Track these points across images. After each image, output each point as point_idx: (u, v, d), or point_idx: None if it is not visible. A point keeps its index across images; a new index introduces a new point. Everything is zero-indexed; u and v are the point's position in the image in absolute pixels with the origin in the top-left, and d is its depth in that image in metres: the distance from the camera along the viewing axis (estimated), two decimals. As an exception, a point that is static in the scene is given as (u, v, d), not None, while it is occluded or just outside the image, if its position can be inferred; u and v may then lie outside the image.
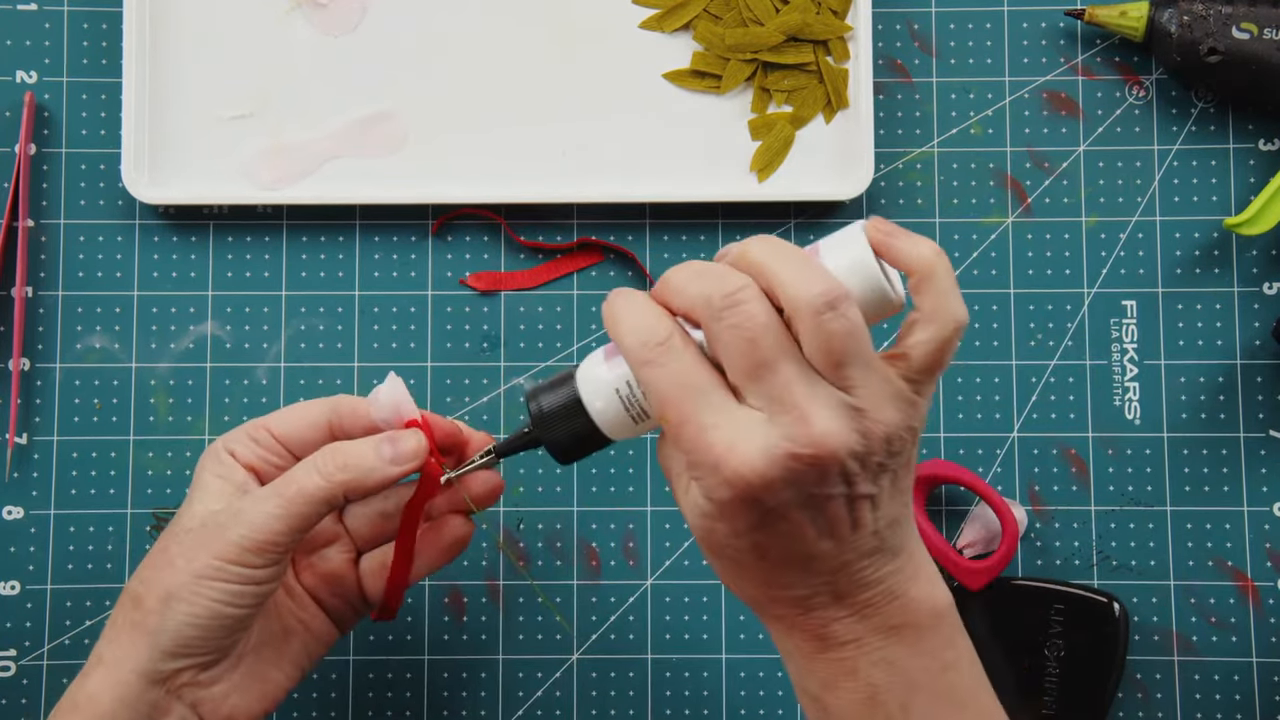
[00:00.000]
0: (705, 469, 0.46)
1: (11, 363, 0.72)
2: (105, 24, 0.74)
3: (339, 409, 0.58)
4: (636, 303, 0.49)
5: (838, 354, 0.46)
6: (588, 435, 0.52)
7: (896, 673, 0.48)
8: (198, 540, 0.54)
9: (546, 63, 0.73)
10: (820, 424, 0.45)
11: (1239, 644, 0.71)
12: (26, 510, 0.72)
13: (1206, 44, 0.70)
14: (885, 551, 0.48)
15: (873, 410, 0.46)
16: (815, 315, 0.46)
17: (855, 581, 0.48)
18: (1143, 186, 0.74)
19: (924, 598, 0.49)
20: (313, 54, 0.73)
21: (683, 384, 0.47)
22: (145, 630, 0.54)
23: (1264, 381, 0.72)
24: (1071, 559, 0.72)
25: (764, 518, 0.47)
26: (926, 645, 0.49)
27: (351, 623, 0.62)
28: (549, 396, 0.52)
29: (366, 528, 0.61)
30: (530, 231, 0.73)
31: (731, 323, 0.46)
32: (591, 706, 0.71)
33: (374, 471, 0.55)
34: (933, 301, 0.48)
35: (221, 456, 0.57)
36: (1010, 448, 0.72)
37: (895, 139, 0.74)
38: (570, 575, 0.72)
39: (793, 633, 0.50)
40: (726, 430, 0.46)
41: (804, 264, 0.47)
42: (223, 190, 0.72)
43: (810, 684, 0.50)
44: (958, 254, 0.73)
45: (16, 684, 0.71)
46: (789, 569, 0.48)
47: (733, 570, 0.50)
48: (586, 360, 0.52)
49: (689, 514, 0.49)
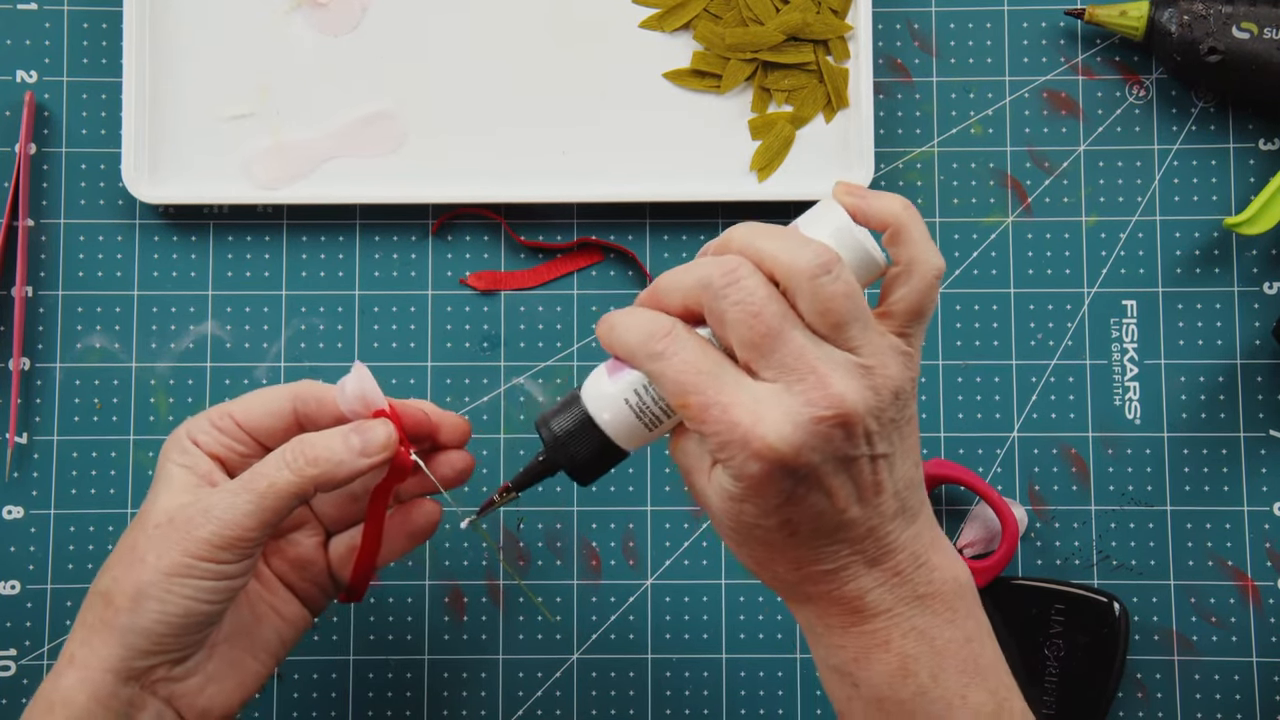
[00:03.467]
0: (734, 446, 0.47)
1: (11, 363, 0.72)
2: (105, 24, 0.74)
3: (303, 395, 0.58)
4: (631, 310, 0.50)
5: (838, 315, 0.47)
6: (603, 450, 0.52)
7: (926, 642, 0.49)
8: (167, 537, 0.54)
9: (547, 62, 0.73)
10: (838, 384, 0.47)
11: (1239, 644, 0.71)
12: (26, 510, 0.72)
13: (1206, 44, 0.70)
14: (906, 514, 0.50)
15: (879, 366, 0.48)
16: (811, 280, 0.47)
17: (883, 547, 0.49)
18: (1143, 186, 0.74)
19: (946, 566, 0.50)
20: (313, 54, 0.73)
21: (697, 368, 0.48)
22: (116, 629, 0.53)
23: (1264, 381, 0.72)
24: (1071, 559, 0.72)
25: (794, 489, 0.47)
26: (953, 615, 0.50)
27: (322, 605, 0.61)
28: (559, 420, 0.53)
29: (335, 510, 0.61)
30: (530, 231, 0.73)
31: (735, 299, 0.47)
32: (591, 706, 0.71)
33: (343, 465, 0.55)
34: (909, 252, 0.50)
35: (185, 445, 0.57)
36: (1010, 448, 0.72)
37: (895, 139, 0.74)
38: (570, 575, 0.72)
39: (825, 610, 0.50)
40: (749, 405, 0.47)
41: (790, 236, 0.48)
42: (223, 190, 0.72)
43: (839, 659, 0.51)
44: (958, 253, 0.73)
45: (16, 684, 0.71)
46: (820, 541, 0.49)
47: (763, 553, 0.50)
48: (589, 379, 0.52)
49: (715, 501, 0.49)
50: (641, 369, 0.49)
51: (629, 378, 0.51)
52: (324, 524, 0.61)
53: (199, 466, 0.56)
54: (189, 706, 0.55)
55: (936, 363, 0.73)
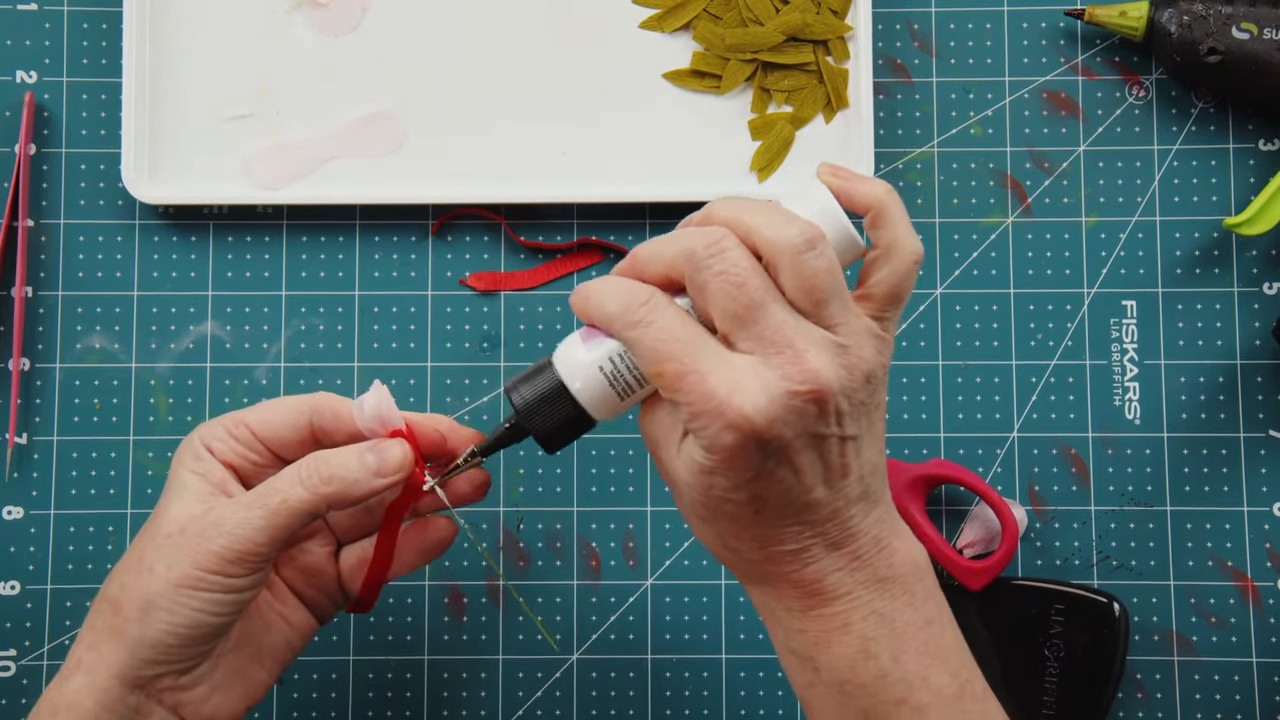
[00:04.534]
0: (709, 416, 0.47)
1: (11, 363, 0.72)
2: (105, 24, 0.74)
3: (319, 408, 0.57)
4: (609, 279, 0.51)
5: (819, 292, 0.48)
6: (573, 418, 0.52)
7: (886, 624, 0.50)
8: (178, 547, 0.53)
9: (547, 62, 0.73)
10: (814, 360, 0.47)
11: (1239, 644, 0.71)
12: (26, 510, 0.72)
13: (1206, 44, 0.70)
14: (869, 499, 0.50)
15: (855, 347, 0.48)
16: (795, 255, 0.47)
17: (846, 530, 0.50)
18: (1143, 186, 0.74)
19: (905, 550, 0.51)
20: (313, 54, 0.73)
21: (675, 337, 0.48)
22: (124, 637, 0.53)
23: (1264, 381, 0.72)
24: (1071, 559, 0.72)
25: (764, 463, 0.48)
26: (912, 599, 0.50)
27: (330, 614, 0.61)
28: (529, 386, 0.52)
29: (348, 520, 0.61)
30: (530, 231, 0.73)
31: (718, 269, 0.47)
32: (591, 706, 0.71)
33: (359, 484, 0.55)
34: (889, 235, 0.50)
35: (200, 452, 0.56)
36: (1010, 448, 0.72)
37: (895, 139, 0.74)
38: (570, 575, 0.72)
39: (784, 592, 0.50)
40: (726, 375, 0.47)
41: (776, 211, 0.49)
42: (223, 190, 0.72)
43: (800, 643, 0.51)
44: (958, 254, 0.73)
45: (16, 684, 0.71)
46: (785, 520, 0.49)
47: (730, 531, 0.50)
48: (561, 346, 0.52)
49: (683, 474, 0.49)
50: (618, 336, 0.50)
51: (604, 345, 0.51)
52: (336, 534, 0.61)
53: (213, 475, 0.56)
54: (194, 714, 0.55)
55: (936, 363, 0.73)
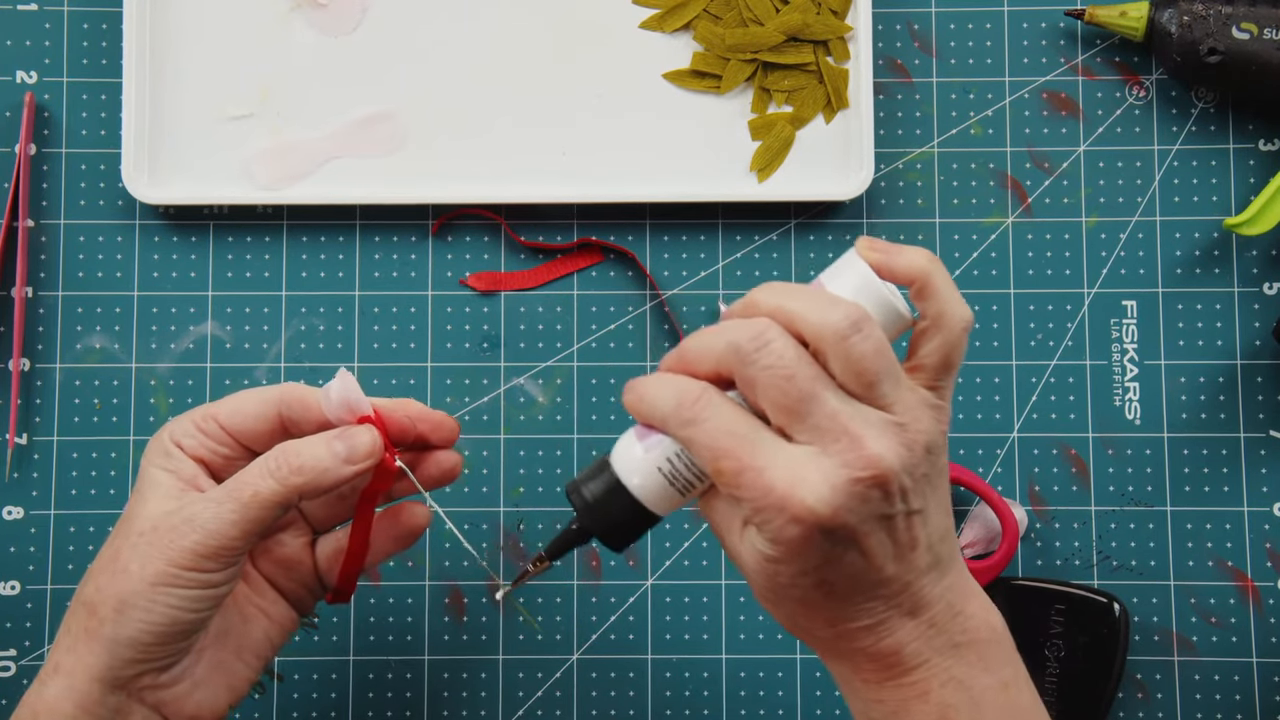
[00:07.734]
0: (770, 510, 0.47)
1: (11, 363, 0.72)
2: (105, 24, 0.74)
3: (287, 399, 0.57)
4: (660, 376, 0.50)
5: (870, 374, 0.47)
6: (636, 516, 0.52)
7: (964, 691, 0.49)
8: (151, 545, 0.53)
9: (547, 63, 0.73)
10: (873, 445, 0.46)
11: (1239, 644, 0.71)
12: (26, 510, 0.72)
13: (1206, 44, 0.70)
14: (940, 566, 0.49)
15: (913, 422, 0.47)
16: (842, 340, 0.47)
17: (919, 600, 0.49)
18: (1143, 186, 0.74)
19: (981, 614, 0.50)
20: (313, 54, 0.73)
21: (730, 432, 0.47)
22: (102, 638, 0.53)
23: (1264, 381, 0.72)
24: (1071, 559, 0.72)
25: (831, 549, 0.47)
26: (989, 663, 0.50)
27: (310, 606, 0.61)
28: (590, 486, 0.52)
29: (322, 509, 0.61)
30: (530, 231, 0.73)
31: (765, 364, 0.47)
32: (591, 706, 0.71)
33: (328, 473, 0.55)
34: (937, 306, 0.49)
35: (169, 448, 0.56)
36: (1010, 448, 0.72)
37: (895, 139, 0.74)
38: (570, 575, 0.72)
39: (861, 665, 0.50)
40: (785, 469, 0.46)
41: (817, 295, 0.48)
42: (223, 190, 0.72)
43: (879, 713, 0.50)
44: (958, 254, 0.73)
45: (16, 684, 0.71)
46: (856, 599, 0.49)
47: (800, 612, 0.50)
48: (619, 444, 0.52)
49: (749, 563, 0.49)
50: (674, 435, 0.49)
51: (660, 443, 0.51)
52: (311, 524, 0.61)
53: (183, 471, 0.56)
54: (177, 712, 0.55)
55: (936, 363, 0.73)
